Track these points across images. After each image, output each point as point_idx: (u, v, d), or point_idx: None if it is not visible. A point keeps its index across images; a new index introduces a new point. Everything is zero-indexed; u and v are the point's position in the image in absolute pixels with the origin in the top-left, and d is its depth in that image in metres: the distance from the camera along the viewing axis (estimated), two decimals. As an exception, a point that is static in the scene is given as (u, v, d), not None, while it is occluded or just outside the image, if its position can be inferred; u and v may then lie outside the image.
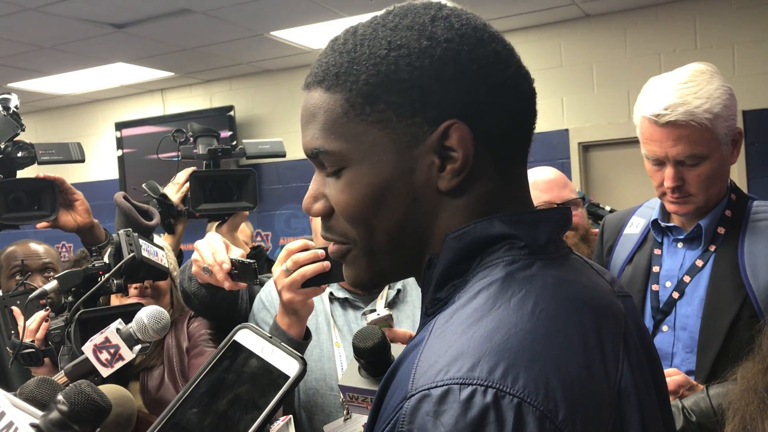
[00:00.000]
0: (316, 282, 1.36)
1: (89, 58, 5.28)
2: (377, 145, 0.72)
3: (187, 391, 0.77)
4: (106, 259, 1.57)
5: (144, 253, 1.50)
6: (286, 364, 0.76)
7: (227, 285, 1.42)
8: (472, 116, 0.71)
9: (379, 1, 3.60)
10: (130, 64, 5.54)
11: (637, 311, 0.84)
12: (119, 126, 6.56)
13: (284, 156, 2.11)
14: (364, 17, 0.79)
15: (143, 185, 2.14)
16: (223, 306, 1.61)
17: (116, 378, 1.68)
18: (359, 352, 1.23)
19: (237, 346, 0.79)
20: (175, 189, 2.18)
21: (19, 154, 1.89)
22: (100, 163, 6.89)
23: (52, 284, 1.53)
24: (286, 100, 6.05)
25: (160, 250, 1.59)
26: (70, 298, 1.57)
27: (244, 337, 0.79)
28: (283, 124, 6.07)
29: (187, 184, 2.09)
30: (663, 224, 1.66)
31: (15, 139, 1.89)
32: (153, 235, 1.86)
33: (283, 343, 0.78)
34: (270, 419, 0.74)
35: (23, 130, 1.90)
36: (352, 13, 4.50)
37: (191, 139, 2.10)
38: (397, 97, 0.71)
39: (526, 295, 0.67)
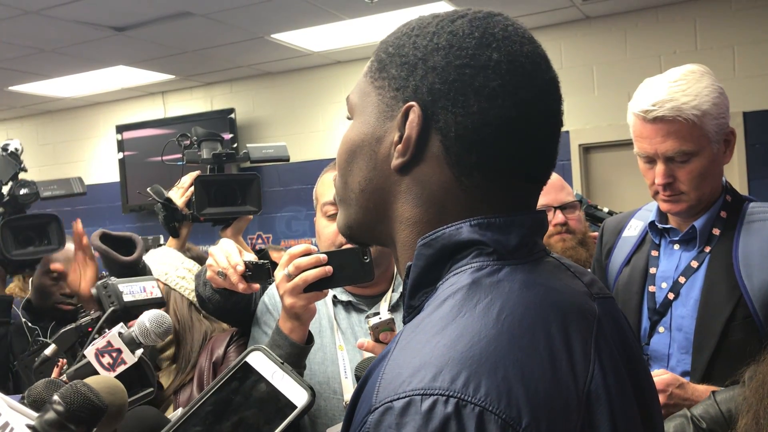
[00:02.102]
0: (318, 287, 1.35)
1: (90, 60, 5.29)
2: (369, 107, 0.79)
3: (193, 408, 0.76)
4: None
5: (128, 298, 1.52)
6: (295, 393, 0.75)
7: (242, 287, 1.42)
8: (436, 107, 0.72)
9: (379, 4, 3.60)
10: (130, 66, 5.55)
11: (619, 313, 0.83)
12: (120, 129, 6.57)
13: (288, 160, 2.12)
14: (365, 20, 0.82)
15: (148, 189, 2.15)
16: (237, 310, 1.62)
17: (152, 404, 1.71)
18: None
19: (248, 368, 0.78)
20: (179, 193, 2.19)
21: (22, 192, 1.99)
22: (101, 166, 6.89)
23: (51, 348, 1.58)
24: (287, 103, 6.05)
25: (148, 282, 1.60)
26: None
27: (256, 359, 0.78)
28: (284, 127, 6.07)
29: (192, 188, 2.10)
30: (660, 226, 1.67)
31: (18, 177, 2.00)
32: (142, 261, 1.89)
33: (294, 371, 0.77)
34: None
35: (24, 170, 2.01)
36: (352, 16, 4.50)
37: (195, 143, 2.11)
38: (394, 70, 0.76)
39: (492, 301, 0.67)
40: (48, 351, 1.58)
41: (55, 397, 0.78)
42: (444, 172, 0.73)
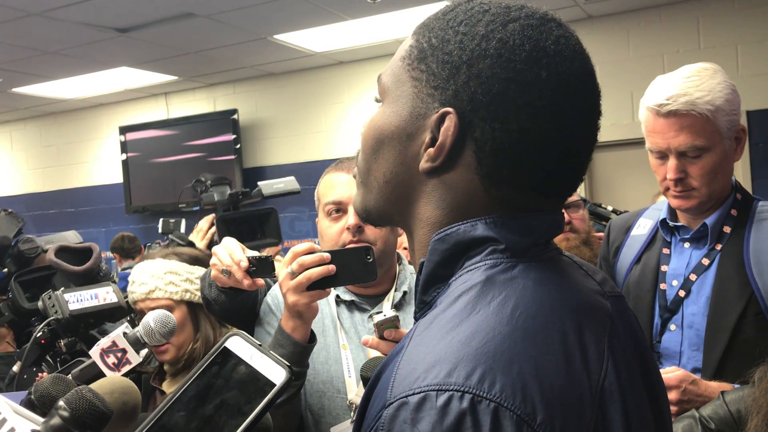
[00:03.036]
0: (321, 285, 1.35)
1: (93, 62, 5.31)
2: (403, 98, 0.76)
3: (176, 395, 0.78)
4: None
5: (74, 306, 1.54)
6: (274, 371, 0.77)
7: (246, 283, 1.41)
8: (475, 117, 0.70)
9: (382, 4, 3.61)
10: (133, 68, 5.56)
11: (629, 312, 0.83)
12: (123, 130, 6.58)
13: (299, 192, 2.19)
14: (367, 20, 0.81)
15: (170, 235, 2.26)
16: (243, 311, 1.62)
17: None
18: (367, 382, 1.23)
19: (227, 353, 0.80)
20: (200, 236, 2.26)
21: (25, 247, 2.19)
22: (105, 167, 6.91)
23: (18, 365, 1.63)
24: (290, 103, 6.06)
25: (101, 288, 1.60)
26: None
27: (235, 344, 0.80)
28: (287, 127, 6.08)
29: (212, 230, 2.20)
30: (671, 223, 1.67)
31: (21, 233, 2.24)
32: (100, 268, 1.95)
33: (272, 352, 0.79)
34: (255, 425, 0.75)
35: (23, 224, 2.26)
36: (354, 16, 4.51)
37: (208, 186, 2.21)
38: (434, 66, 0.73)
39: (506, 298, 0.67)
40: (15, 367, 1.64)
41: (61, 403, 0.78)
42: (473, 180, 0.72)
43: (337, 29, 4.80)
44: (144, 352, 1.28)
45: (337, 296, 1.62)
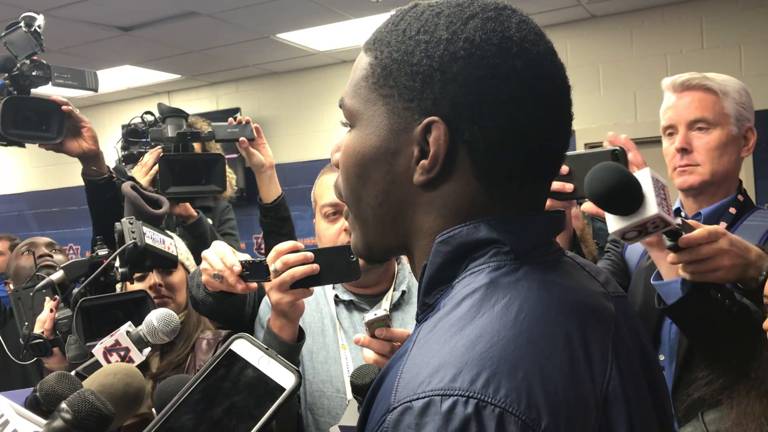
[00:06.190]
0: (305, 284, 1.35)
1: (96, 60, 5.31)
2: (377, 117, 0.74)
3: (182, 397, 0.77)
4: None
5: (148, 241, 1.49)
6: (282, 376, 0.76)
7: (240, 288, 1.39)
8: (461, 120, 0.69)
9: (385, 4, 3.59)
10: (136, 66, 5.57)
11: (632, 311, 0.82)
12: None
13: (253, 138, 2.10)
14: (370, 19, 0.79)
15: (111, 168, 2.12)
16: (231, 312, 1.61)
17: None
18: (357, 389, 1.22)
19: (233, 356, 0.79)
20: (143, 171, 2.16)
21: (34, 73, 1.91)
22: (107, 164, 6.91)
23: (59, 274, 1.54)
24: (292, 102, 6.06)
25: (168, 238, 1.57)
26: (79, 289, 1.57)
27: (240, 346, 0.79)
28: (289, 126, 6.08)
29: (156, 166, 2.06)
30: (683, 213, 1.73)
31: (34, 58, 1.91)
32: (163, 223, 1.85)
33: (279, 356, 0.78)
34: (266, 430, 0.75)
35: (42, 50, 1.92)
36: (357, 15, 4.50)
37: (160, 120, 2.07)
38: (404, 79, 0.72)
39: (510, 301, 0.66)
40: (55, 276, 1.54)
41: (63, 405, 0.78)
42: (471, 183, 0.71)
43: (341, 28, 4.79)
44: (147, 350, 1.28)
45: (336, 296, 1.62)
